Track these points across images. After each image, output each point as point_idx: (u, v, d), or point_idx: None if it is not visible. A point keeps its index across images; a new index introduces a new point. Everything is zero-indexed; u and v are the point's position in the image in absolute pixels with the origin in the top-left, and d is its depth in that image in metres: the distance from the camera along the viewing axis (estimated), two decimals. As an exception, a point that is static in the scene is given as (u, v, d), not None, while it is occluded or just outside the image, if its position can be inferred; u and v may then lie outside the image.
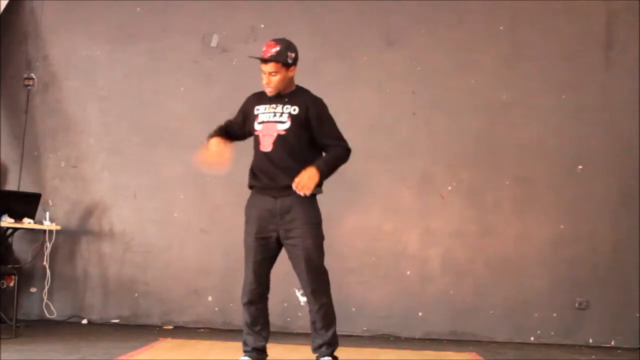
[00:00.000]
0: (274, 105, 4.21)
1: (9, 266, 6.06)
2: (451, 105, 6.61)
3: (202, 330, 6.42)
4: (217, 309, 6.56)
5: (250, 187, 4.38)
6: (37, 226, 6.27)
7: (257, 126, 4.22)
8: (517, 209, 6.56)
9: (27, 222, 6.12)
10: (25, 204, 6.19)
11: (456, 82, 6.65)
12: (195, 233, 6.64)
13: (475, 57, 6.69)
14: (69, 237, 6.66)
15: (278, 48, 4.18)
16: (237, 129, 4.42)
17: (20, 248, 6.58)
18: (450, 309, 6.48)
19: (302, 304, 6.47)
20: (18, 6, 6.85)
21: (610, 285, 6.45)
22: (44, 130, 6.80)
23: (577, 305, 6.46)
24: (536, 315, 6.47)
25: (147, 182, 6.71)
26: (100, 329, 6.24)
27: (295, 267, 4.24)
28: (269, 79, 4.18)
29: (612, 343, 6.41)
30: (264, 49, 4.22)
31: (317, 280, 4.20)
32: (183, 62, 6.79)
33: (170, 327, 6.46)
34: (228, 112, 6.68)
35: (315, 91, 6.53)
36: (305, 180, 4.06)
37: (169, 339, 5.66)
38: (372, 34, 6.68)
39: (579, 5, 6.67)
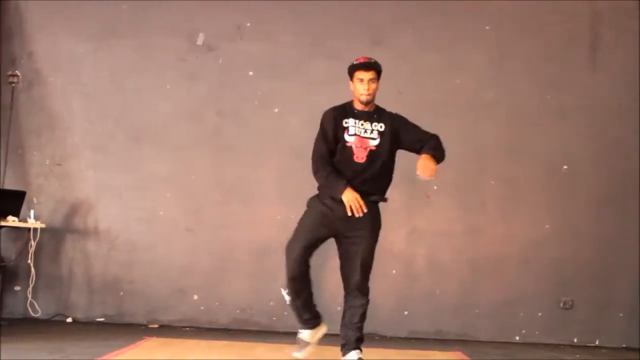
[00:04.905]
0: (363, 122, 4.33)
1: (-7, 264, 6.02)
2: (437, 105, 6.61)
3: (187, 329, 6.41)
4: (202, 307, 6.55)
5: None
6: (22, 224, 6.22)
7: (348, 138, 4.31)
8: (502, 208, 6.60)
9: (12, 220, 6.06)
10: (9, 201, 6.14)
11: (442, 82, 6.67)
12: (180, 232, 6.62)
13: (460, 57, 6.71)
14: (54, 236, 6.62)
15: (374, 60, 4.36)
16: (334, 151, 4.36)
17: (4, 246, 6.51)
18: (436, 308, 6.50)
19: (287, 303, 6.45)
20: (2, 3, 6.80)
21: (595, 285, 6.50)
22: (28, 128, 6.75)
23: (561, 304, 6.50)
24: (521, 314, 6.50)
25: (133, 180, 6.67)
26: (85, 327, 6.21)
27: (346, 263, 4.36)
28: (369, 85, 4.32)
29: (597, 342, 6.46)
30: (360, 60, 4.34)
31: (365, 279, 4.35)
32: (169, 60, 6.76)
33: (156, 325, 6.44)
34: (213, 111, 6.78)
35: (301, 90, 6.67)
36: (429, 165, 4.22)
37: (154, 338, 5.64)
38: (359, 34, 6.68)
39: (564, 6, 6.71)
